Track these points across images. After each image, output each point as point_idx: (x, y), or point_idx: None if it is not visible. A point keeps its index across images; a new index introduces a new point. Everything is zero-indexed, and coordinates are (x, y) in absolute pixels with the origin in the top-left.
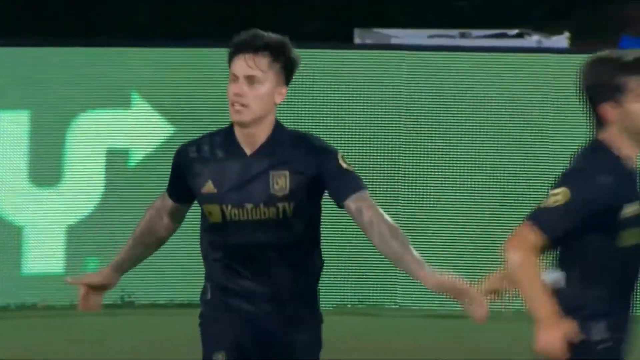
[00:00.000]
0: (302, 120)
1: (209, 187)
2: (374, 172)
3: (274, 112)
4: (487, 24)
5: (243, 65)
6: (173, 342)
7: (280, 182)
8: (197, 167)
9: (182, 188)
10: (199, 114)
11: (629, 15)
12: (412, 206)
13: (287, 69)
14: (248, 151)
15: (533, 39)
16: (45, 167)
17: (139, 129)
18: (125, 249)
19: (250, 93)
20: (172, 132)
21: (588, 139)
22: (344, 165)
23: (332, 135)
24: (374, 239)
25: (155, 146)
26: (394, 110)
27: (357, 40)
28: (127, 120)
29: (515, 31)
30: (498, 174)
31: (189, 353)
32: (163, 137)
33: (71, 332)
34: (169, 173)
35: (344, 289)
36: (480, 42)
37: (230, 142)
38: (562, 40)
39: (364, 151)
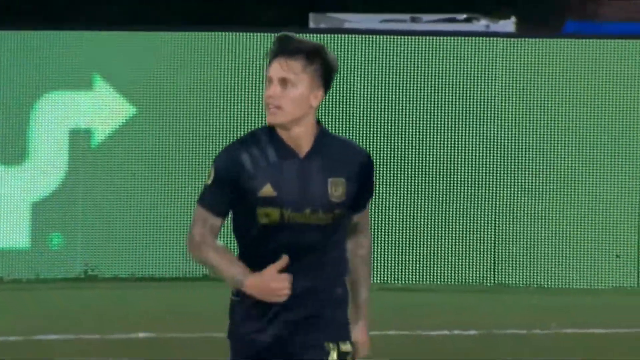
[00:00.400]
0: (258, 104)
1: (267, 190)
2: None
3: (313, 114)
4: (437, 9)
5: (277, 68)
6: (135, 314)
7: (339, 189)
8: (252, 169)
9: (232, 198)
10: (160, 96)
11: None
12: None
13: (324, 73)
14: (299, 153)
15: (481, 24)
16: (10, 147)
17: (101, 110)
18: (230, 255)
19: (284, 95)
20: (133, 113)
21: (534, 117)
22: (373, 181)
23: None
24: (350, 246)
25: (116, 127)
26: (347, 93)
27: (311, 25)
28: (89, 102)
29: (464, 16)
30: (451, 155)
31: (149, 325)
32: (124, 118)
33: (37, 305)
34: (211, 191)
35: None
36: (431, 27)
37: (279, 144)
38: (509, 24)
39: None
